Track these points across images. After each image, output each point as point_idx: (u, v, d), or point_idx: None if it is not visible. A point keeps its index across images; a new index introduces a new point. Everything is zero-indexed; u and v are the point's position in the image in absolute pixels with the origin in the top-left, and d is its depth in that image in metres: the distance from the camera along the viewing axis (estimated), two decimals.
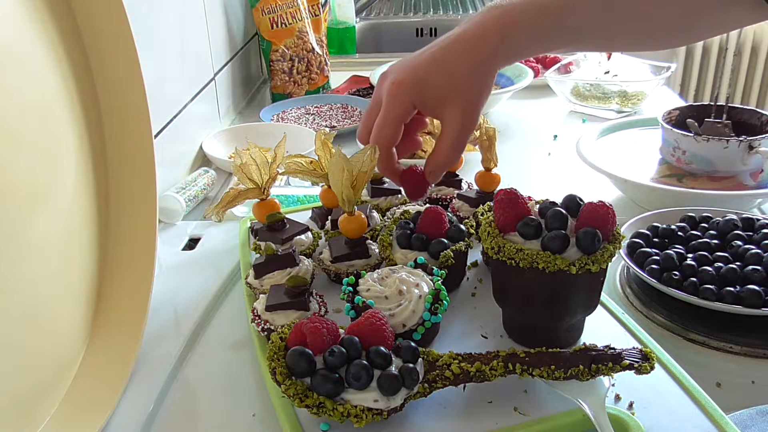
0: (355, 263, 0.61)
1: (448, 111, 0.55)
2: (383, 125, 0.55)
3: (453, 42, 0.55)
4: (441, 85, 0.54)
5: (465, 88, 0.54)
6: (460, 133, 0.55)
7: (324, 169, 0.66)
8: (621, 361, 0.46)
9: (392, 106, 0.55)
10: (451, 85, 0.54)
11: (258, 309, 0.54)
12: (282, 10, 1.26)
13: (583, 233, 0.47)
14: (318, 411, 0.43)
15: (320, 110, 1.23)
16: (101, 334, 0.56)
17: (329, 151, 0.66)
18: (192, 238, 0.79)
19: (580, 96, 1.23)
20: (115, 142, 0.59)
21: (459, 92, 0.54)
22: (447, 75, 0.54)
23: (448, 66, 0.54)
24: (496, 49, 0.54)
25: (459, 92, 0.54)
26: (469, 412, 0.46)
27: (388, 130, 0.55)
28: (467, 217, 0.66)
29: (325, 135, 0.66)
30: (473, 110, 0.55)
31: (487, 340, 0.54)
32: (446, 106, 0.55)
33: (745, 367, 0.57)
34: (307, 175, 0.67)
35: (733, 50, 2.64)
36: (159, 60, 0.89)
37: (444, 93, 0.54)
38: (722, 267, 0.61)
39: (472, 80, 0.54)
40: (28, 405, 0.47)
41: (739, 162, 0.82)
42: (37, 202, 0.49)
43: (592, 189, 0.88)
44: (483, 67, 0.54)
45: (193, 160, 1.02)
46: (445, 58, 0.54)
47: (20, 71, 0.48)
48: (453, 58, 0.54)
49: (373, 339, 0.45)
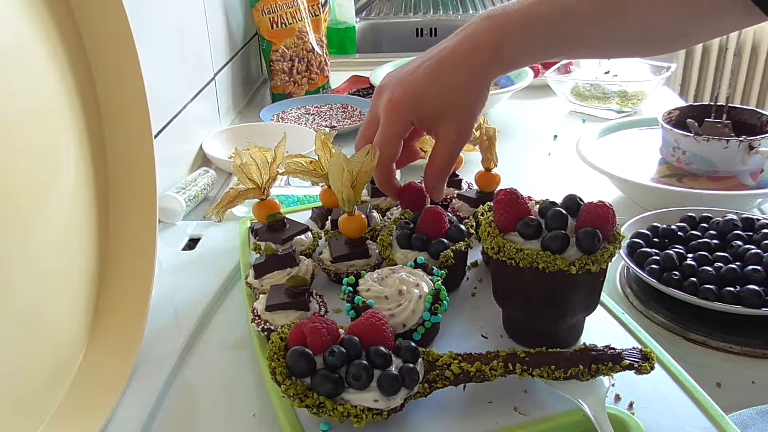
0: (355, 263, 0.61)
1: (443, 126, 0.55)
2: (383, 145, 0.56)
3: (448, 55, 0.55)
4: (437, 100, 0.55)
5: (460, 103, 0.55)
6: (454, 146, 0.56)
7: (324, 169, 0.66)
8: (621, 361, 0.46)
9: (391, 125, 0.55)
10: (447, 101, 0.55)
11: (258, 309, 0.54)
12: (282, 10, 1.26)
13: (583, 233, 0.47)
14: (318, 411, 0.43)
15: (320, 110, 1.23)
16: (101, 334, 0.56)
17: (329, 151, 0.66)
18: (192, 238, 0.79)
19: (580, 96, 1.23)
20: (115, 142, 0.59)
21: (454, 107, 0.55)
22: (443, 90, 0.54)
23: (444, 81, 0.54)
24: (490, 60, 0.54)
25: (454, 107, 0.55)
26: (469, 412, 0.46)
27: (388, 149, 0.56)
28: (467, 217, 0.66)
29: (325, 135, 0.66)
30: (468, 124, 0.56)
31: (487, 340, 0.54)
32: (441, 122, 0.55)
33: (745, 367, 0.57)
34: (307, 175, 0.67)
35: (733, 50, 2.64)
36: (159, 60, 0.89)
37: (440, 109, 0.55)
38: (722, 267, 0.61)
39: (467, 94, 0.55)
40: (28, 405, 0.47)
41: (739, 162, 0.82)
42: (37, 202, 0.49)
43: (592, 189, 0.88)
44: (478, 80, 0.55)
45: (193, 160, 1.02)
46: (440, 73, 0.55)
47: (20, 71, 0.48)
48: (448, 72, 0.54)
49: (373, 339, 0.45)
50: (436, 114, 0.55)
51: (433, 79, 0.54)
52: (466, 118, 0.55)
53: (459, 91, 0.54)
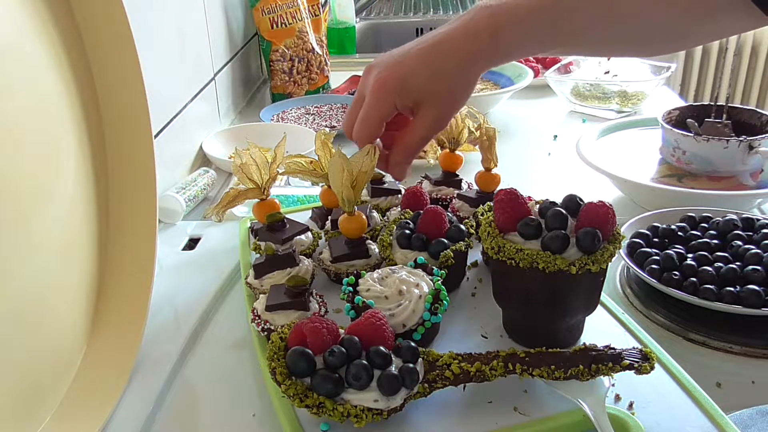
0: (355, 263, 0.61)
1: (423, 109, 0.55)
2: (364, 125, 0.56)
3: (442, 40, 0.54)
4: (424, 86, 0.54)
5: (447, 89, 0.54)
6: (429, 130, 0.56)
7: (324, 169, 0.66)
8: (621, 361, 0.46)
9: (374, 106, 0.55)
10: (433, 87, 0.54)
11: (258, 309, 0.54)
12: (282, 10, 1.26)
13: (583, 233, 0.47)
14: (318, 411, 0.43)
15: (320, 110, 1.22)
16: (101, 334, 0.56)
17: (329, 151, 0.66)
18: (192, 238, 0.79)
19: (580, 96, 1.23)
20: (115, 142, 0.59)
21: (439, 93, 0.54)
22: (431, 76, 0.54)
23: (434, 66, 0.54)
24: (486, 48, 0.53)
25: (439, 93, 0.54)
26: (469, 412, 0.46)
27: (367, 129, 0.56)
28: (467, 217, 0.66)
29: (325, 135, 0.66)
30: (449, 110, 0.55)
31: (487, 340, 0.54)
32: (423, 105, 0.54)
33: (745, 367, 0.57)
34: (307, 175, 0.67)
35: (733, 50, 2.64)
36: (159, 60, 0.89)
37: (424, 94, 0.54)
38: (722, 267, 0.61)
39: (455, 81, 0.54)
40: (28, 405, 0.47)
41: (739, 162, 0.82)
42: (38, 202, 0.49)
43: (592, 189, 0.88)
44: (469, 69, 0.54)
45: (193, 160, 1.01)
46: (432, 58, 0.54)
47: (20, 71, 0.48)
48: (439, 58, 0.54)
49: (373, 339, 0.45)
50: (419, 99, 0.54)
51: (424, 64, 0.54)
52: (449, 105, 0.55)
53: (447, 78, 0.54)
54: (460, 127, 0.71)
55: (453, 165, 0.73)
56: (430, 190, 0.72)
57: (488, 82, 1.29)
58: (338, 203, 0.60)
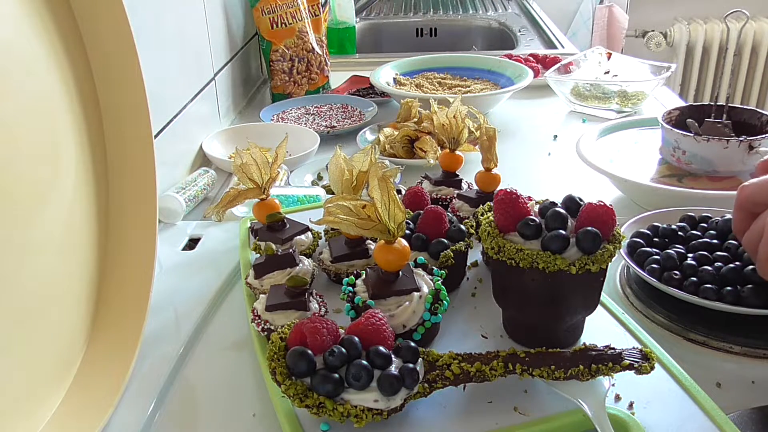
0: (355, 263, 0.61)
1: None
2: None
3: None
4: None
5: None
6: None
7: (380, 216, 0.49)
8: (621, 361, 0.46)
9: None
10: None
11: (258, 309, 0.54)
12: (282, 10, 1.26)
13: (583, 233, 0.47)
14: (318, 411, 0.43)
15: (320, 110, 1.23)
16: (101, 334, 0.56)
17: (388, 192, 0.49)
18: (192, 238, 0.79)
19: (580, 96, 1.23)
20: (115, 142, 0.59)
21: None
22: None
23: None
24: None
25: None
26: (469, 412, 0.46)
27: None
28: (467, 217, 0.66)
29: (386, 169, 0.49)
30: None
31: (487, 340, 0.54)
32: None
33: (745, 367, 0.57)
34: (353, 227, 0.50)
35: (733, 50, 2.64)
36: (159, 60, 0.89)
37: None
38: (722, 267, 0.61)
39: None
40: (28, 405, 0.47)
41: (739, 162, 0.82)
42: (37, 202, 0.49)
43: (592, 189, 0.88)
44: None
45: (193, 160, 1.01)
46: None
47: (20, 71, 0.48)
48: None
49: (373, 339, 0.45)
50: None
51: None
52: None
53: None
54: (460, 127, 0.71)
55: (453, 165, 0.73)
56: (430, 190, 0.72)
57: (488, 82, 1.29)
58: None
